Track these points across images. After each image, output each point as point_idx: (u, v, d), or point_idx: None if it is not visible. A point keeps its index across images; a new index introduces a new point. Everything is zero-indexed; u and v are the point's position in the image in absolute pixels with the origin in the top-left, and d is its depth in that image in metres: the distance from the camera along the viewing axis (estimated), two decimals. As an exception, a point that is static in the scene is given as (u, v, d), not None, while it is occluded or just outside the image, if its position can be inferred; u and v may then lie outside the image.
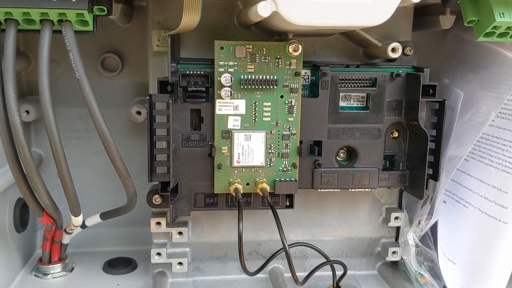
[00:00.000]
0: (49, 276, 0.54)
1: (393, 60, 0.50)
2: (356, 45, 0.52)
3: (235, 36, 0.50)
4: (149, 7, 0.49)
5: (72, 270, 0.57)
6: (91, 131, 0.59)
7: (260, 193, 0.46)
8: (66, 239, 0.53)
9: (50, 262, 0.55)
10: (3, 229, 0.51)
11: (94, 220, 0.52)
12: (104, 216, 0.51)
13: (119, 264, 0.58)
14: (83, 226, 0.51)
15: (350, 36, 0.51)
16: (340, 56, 0.52)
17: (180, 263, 0.53)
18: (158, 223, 0.52)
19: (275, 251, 0.48)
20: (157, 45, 0.48)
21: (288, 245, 0.47)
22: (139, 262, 0.59)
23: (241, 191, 0.46)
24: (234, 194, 0.46)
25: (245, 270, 0.44)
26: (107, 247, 0.62)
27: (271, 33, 0.49)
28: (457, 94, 0.50)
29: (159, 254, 0.53)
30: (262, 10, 0.37)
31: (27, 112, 0.54)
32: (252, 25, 0.49)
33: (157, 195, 0.49)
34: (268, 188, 0.46)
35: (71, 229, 0.50)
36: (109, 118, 0.57)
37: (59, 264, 0.55)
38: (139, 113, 0.56)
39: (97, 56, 0.57)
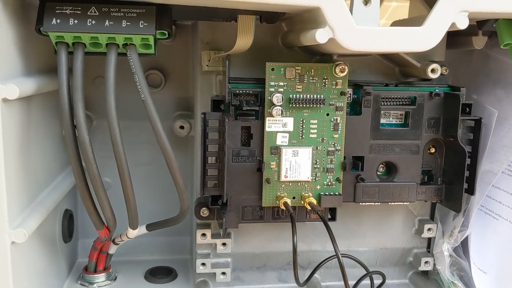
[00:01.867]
0: (94, 285, 0.56)
1: (429, 79, 0.52)
2: (393, 64, 0.54)
3: (278, 55, 0.52)
4: (199, 29, 0.51)
5: (115, 279, 0.59)
6: (133, 143, 0.61)
7: (308, 207, 0.48)
8: (112, 250, 0.55)
9: (95, 271, 0.57)
10: (53, 240, 0.53)
11: (140, 231, 0.54)
12: (150, 227, 0.53)
13: (160, 273, 0.60)
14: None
15: (388, 56, 0.53)
16: (376, 75, 0.54)
17: (223, 273, 0.55)
18: (204, 235, 0.54)
19: (315, 261, 0.51)
20: (207, 65, 0.50)
21: (331, 257, 0.50)
22: (179, 271, 0.61)
23: (290, 205, 0.48)
24: (283, 207, 0.48)
25: (297, 281, 0.46)
26: (146, 256, 0.64)
27: (314, 53, 0.52)
28: (490, 112, 0.53)
29: (203, 264, 0.55)
30: (320, 37, 0.39)
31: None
32: (294, 46, 0.51)
33: (204, 208, 0.51)
34: (315, 202, 0.48)
35: (121, 240, 0.52)
36: (151, 131, 0.60)
37: (104, 273, 0.57)
38: (182, 127, 0.58)
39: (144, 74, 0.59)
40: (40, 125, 0.48)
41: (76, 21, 0.40)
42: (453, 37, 0.56)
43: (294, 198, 0.49)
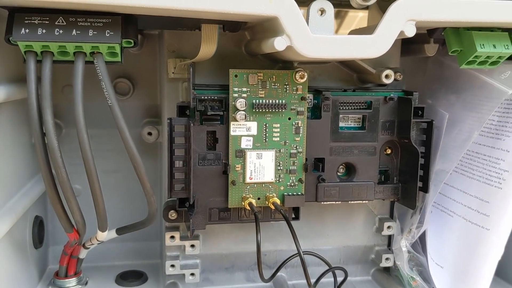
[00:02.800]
0: (65, 290, 0.57)
1: (385, 84, 0.55)
2: (351, 71, 0.57)
3: (243, 63, 0.54)
4: (165, 38, 0.53)
5: (86, 283, 0.59)
6: (101, 151, 0.62)
7: (272, 207, 0.50)
8: (83, 254, 0.56)
9: (66, 276, 0.57)
10: (24, 246, 0.54)
11: (110, 235, 0.55)
12: (120, 231, 0.54)
13: (130, 277, 0.62)
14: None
15: (346, 63, 0.56)
16: (336, 81, 0.57)
17: (192, 274, 0.57)
18: (172, 237, 0.55)
19: (281, 260, 0.53)
20: (173, 72, 0.52)
21: (294, 255, 0.52)
22: (150, 275, 0.62)
23: (255, 205, 0.50)
24: (248, 208, 0.50)
25: (262, 277, 0.48)
26: (117, 261, 0.65)
27: (276, 61, 0.54)
28: (442, 115, 0.56)
29: (173, 266, 0.56)
30: (278, 45, 0.42)
31: (44, 134, 0.57)
32: (257, 54, 0.54)
33: (172, 211, 0.53)
34: (279, 202, 0.51)
35: (91, 244, 0.54)
36: (120, 139, 0.62)
37: (75, 278, 0.58)
38: (150, 134, 0.60)
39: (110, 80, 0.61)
40: (8, 133, 0.49)
41: (44, 31, 0.41)
42: (407, 45, 0.60)
43: (259, 199, 0.51)
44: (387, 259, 0.61)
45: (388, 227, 0.60)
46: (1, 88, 0.44)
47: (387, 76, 0.53)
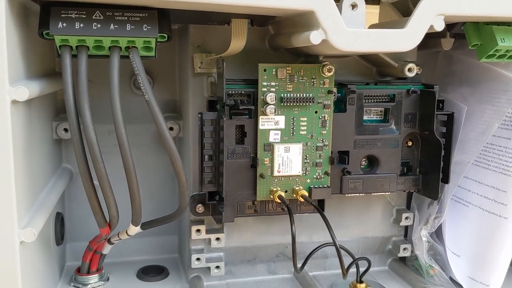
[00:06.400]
0: (88, 286, 0.57)
1: (405, 78, 0.56)
2: (371, 65, 0.58)
3: (266, 57, 0.55)
4: (190, 33, 0.53)
5: (108, 279, 0.59)
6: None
7: (301, 199, 0.51)
8: (106, 250, 0.56)
9: (88, 272, 0.57)
10: (48, 243, 0.54)
11: (135, 230, 0.55)
12: (145, 225, 0.54)
13: (152, 272, 0.62)
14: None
15: (367, 57, 0.57)
16: (356, 75, 0.58)
17: (217, 267, 0.57)
18: (198, 230, 0.56)
19: (303, 252, 0.55)
20: (199, 67, 0.53)
21: (321, 246, 0.53)
22: (170, 269, 0.63)
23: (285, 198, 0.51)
24: (278, 201, 0.50)
25: (295, 268, 0.49)
26: (135, 257, 0.65)
27: (298, 55, 0.55)
28: (460, 108, 0.57)
29: (198, 259, 0.57)
30: (314, 39, 0.43)
31: (65, 130, 0.57)
32: (282, 48, 0.54)
33: (200, 204, 0.53)
34: (307, 194, 0.51)
35: (117, 239, 0.54)
36: (139, 133, 0.62)
37: (97, 274, 0.58)
38: (171, 129, 0.60)
39: (130, 76, 0.61)
40: (37, 128, 0.49)
41: (81, 25, 0.41)
42: (424, 39, 0.60)
43: (286, 191, 0.52)
44: (404, 249, 0.63)
45: (406, 217, 0.62)
46: (33, 83, 0.44)
47: (410, 70, 0.54)
